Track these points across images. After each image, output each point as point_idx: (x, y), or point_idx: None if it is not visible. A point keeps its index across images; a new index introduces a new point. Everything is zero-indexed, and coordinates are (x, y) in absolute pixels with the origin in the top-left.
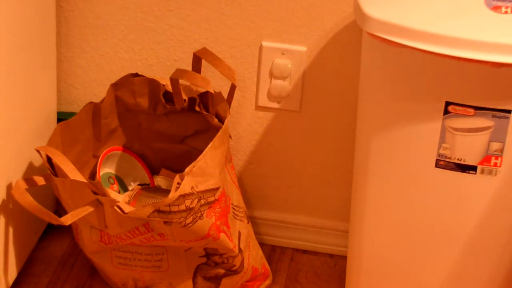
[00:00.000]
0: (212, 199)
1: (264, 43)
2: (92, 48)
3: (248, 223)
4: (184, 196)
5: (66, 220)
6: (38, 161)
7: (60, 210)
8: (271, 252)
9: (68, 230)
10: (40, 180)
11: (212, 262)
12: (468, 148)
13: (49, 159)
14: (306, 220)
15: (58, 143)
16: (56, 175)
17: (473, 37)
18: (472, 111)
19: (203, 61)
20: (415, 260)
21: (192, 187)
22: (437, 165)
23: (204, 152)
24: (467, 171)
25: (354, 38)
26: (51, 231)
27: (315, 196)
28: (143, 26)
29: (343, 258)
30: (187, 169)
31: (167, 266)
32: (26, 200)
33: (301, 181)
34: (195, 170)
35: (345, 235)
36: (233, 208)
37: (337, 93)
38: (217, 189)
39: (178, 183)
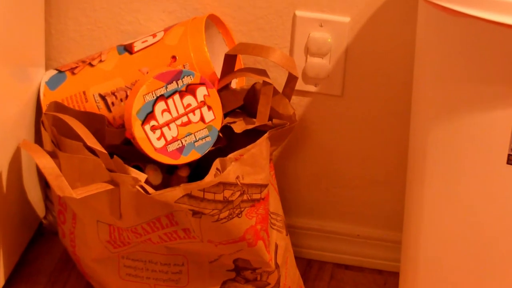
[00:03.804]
0: (257, 196)
1: (298, 13)
2: (89, 18)
3: (286, 235)
4: (225, 185)
5: (78, 193)
6: (24, 153)
7: (49, 214)
8: (307, 267)
9: (58, 240)
10: (40, 156)
11: (242, 279)
12: None
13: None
14: (350, 228)
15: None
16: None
17: None
18: None
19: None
20: (482, 277)
21: (238, 177)
22: (510, 161)
23: (260, 139)
24: None
25: (408, 7)
26: (39, 241)
27: (361, 200)
28: None
29: (395, 274)
30: (233, 155)
31: (187, 280)
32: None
33: (343, 181)
34: (246, 157)
35: (397, 247)
36: (270, 216)
37: (387, 74)
38: (265, 186)
39: (218, 169)
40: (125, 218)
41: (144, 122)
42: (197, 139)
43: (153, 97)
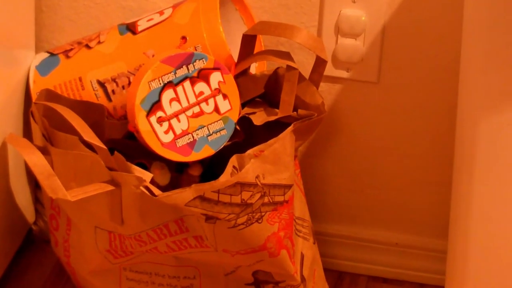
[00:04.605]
0: (280, 199)
1: None
2: None
3: (314, 243)
4: (242, 185)
5: (73, 194)
6: (11, 149)
7: (39, 220)
8: (338, 280)
9: (50, 249)
10: (29, 152)
11: None
12: None
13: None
14: (387, 236)
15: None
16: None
17: None
18: None
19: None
20: None
21: (257, 177)
22: None
23: (283, 133)
24: None
25: None
26: (28, 250)
27: (399, 203)
28: None
29: None
30: (252, 150)
31: None
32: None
33: (379, 181)
34: (267, 154)
35: (442, 258)
36: (295, 221)
37: (430, 57)
38: (289, 186)
39: (234, 167)
40: (127, 224)
41: (149, 113)
42: (211, 133)
43: (160, 84)
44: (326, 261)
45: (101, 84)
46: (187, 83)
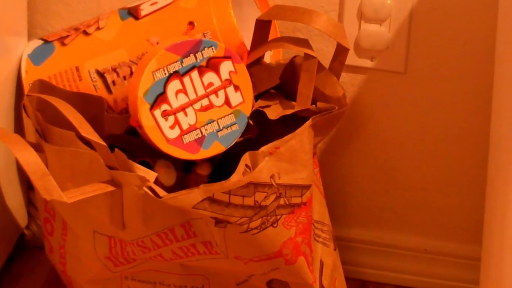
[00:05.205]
0: (297, 201)
1: None
2: None
3: (335, 249)
4: (256, 186)
5: (69, 196)
6: (1, 145)
7: (32, 224)
8: None
9: (44, 256)
10: (21, 149)
11: None
12: None
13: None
14: (414, 241)
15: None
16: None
17: None
18: None
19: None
20: None
21: (272, 176)
22: None
23: (301, 128)
24: None
25: None
26: (20, 256)
27: (429, 205)
28: None
29: None
30: (266, 147)
31: None
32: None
33: (407, 181)
34: (283, 151)
35: (475, 266)
36: (314, 225)
37: (462, 44)
38: (307, 187)
39: (247, 166)
40: (129, 228)
41: (153, 106)
42: (221, 128)
43: (165, 74)
44: (348, 269)
45: (100, 75)
46: (194, 73)
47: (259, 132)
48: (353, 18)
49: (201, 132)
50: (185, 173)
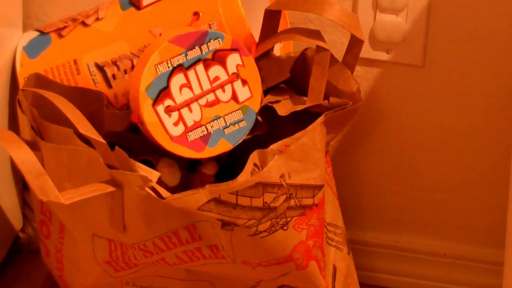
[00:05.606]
0: (309, 202)
1: None
2: None
3: (348, 253)
4: (265, 186)
5: (67, 196)
6: None
7: (28, 226)
8: None
9: (40, 260)
10: (16, 147)
11: None
12: None
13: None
14: (433, 245)
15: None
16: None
17: None
18: None
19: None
20: None
21: (282, 176)
22: None
23: (312, 125)
24: None
25: None
26: (15, 261)
27: (448, 207)
28: None
29: None
30: (276, 145)
31: None
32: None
33: (425, 181)
34: (294, 149)
35: (498, 271)
36: (326, 228)
37: (484, 36)
38: (319, 187)
39: (255, 165)
40: (130, 231)
41: (156, 101)
42: (228, 125)
43: (169, 67)
44: (362, 274)
45: (100, 68)
46: (200, 67)
47: (268, 129)
48: (368, 8)
49: (207, 129)
50: (190, 172)
